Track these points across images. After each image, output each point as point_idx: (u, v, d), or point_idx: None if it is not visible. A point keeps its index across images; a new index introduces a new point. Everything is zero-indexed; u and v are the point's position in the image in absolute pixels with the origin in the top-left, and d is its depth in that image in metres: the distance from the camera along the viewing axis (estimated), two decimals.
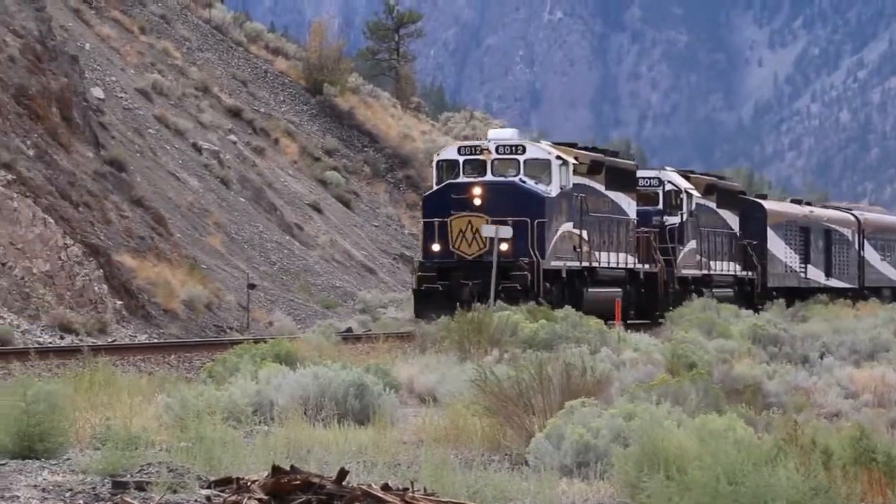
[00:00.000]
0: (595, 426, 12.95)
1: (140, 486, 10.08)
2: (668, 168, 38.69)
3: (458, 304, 25.79)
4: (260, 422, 16.04)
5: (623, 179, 33.95)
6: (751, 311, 40.05)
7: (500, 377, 16.54)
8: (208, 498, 9.82)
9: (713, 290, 37.13)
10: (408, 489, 9.50)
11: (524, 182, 28.12)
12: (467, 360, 24.27)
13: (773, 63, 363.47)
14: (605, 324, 31.52)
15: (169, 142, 55.83)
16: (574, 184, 30.05)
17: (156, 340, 34.97)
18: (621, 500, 10.90)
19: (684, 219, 34.87)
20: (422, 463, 11.74)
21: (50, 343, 30.93)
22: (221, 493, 9.81)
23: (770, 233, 41.70)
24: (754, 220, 41.12)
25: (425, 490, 9.72)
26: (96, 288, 37.12)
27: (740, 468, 9.13)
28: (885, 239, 55.49)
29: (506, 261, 26.75)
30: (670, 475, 9.62)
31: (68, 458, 12.20)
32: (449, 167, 28.59)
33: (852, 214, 56.07)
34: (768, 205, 43.39)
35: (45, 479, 11.09)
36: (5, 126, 39.28)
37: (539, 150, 29.22)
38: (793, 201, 56.68)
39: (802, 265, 45.73)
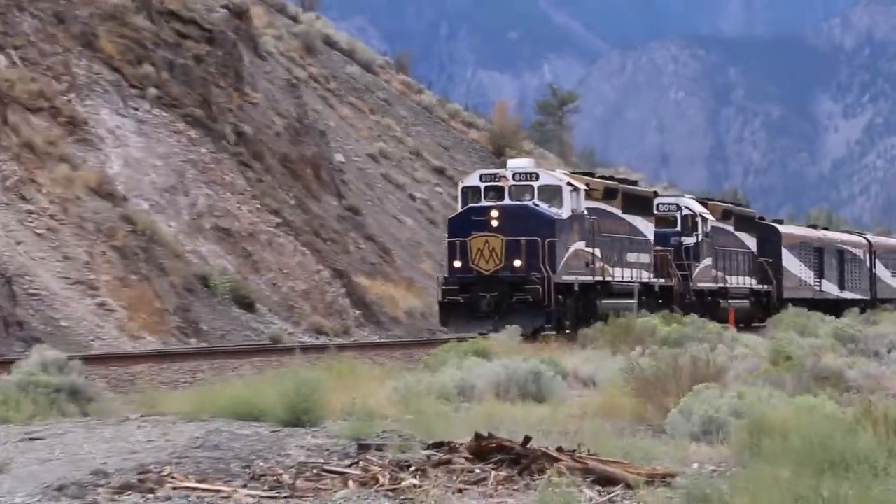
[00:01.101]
0: (716, 404, 12.55)
1: (378, 448, 10.23)
2: (686, 195, 36.86)
3: (476, 314, 24.87)
4: (463, 400, 16.09)
5: (640, 204, 31.49)
6: (833, 317, 35.56)
7: (644, 367, 16.40)
8: (428, 457, 9.79)
9: (729, 301, 35.25)
10: (575, 450, 9.60)
11: (537, 205, 25.90)
12: (617, 354, 23.06)
13: (846, 129, 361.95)
14: (722, 327, 29.72)
15: (392, 193, 56.55)
16: (588, 207, 27.70)
17: (385, 340, 35.17)
18: (738, 460, 10.25)
19: (699, 239, 32.74)
20: (585, 431, 11.59)
21: (309, 342, 31.38)
22: (437, 453, 9.89)
23: (785, 252, 39.31)
24: (770, 241, 38.87)
25: (588, 451, 9.69)
26: (341, 301, 37.95)
27: (829, 435, 8.90)
28: (892, 253, 52.38)
29: (519, 276, 24.86)
30: (774, 440, 9.47)
31: (325, 427, 12.32)
32: (472, 193, 26.61)
33: (865, 238, 52.49)
34: (783, 228, 41.08)
35: (308, 442, 11.32)
36: (274, 182, 40.47)
37: (551, 177, 26.81)
38: (809, 226, 51.99)
39: (817, 279, 42.83)
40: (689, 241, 32.10)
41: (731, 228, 36.40)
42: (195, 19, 38.92)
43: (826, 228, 52.98)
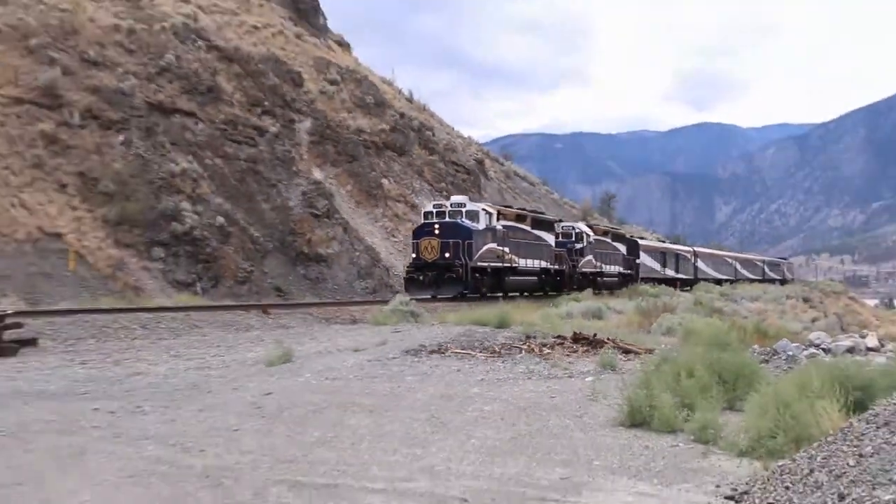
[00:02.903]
0: (672, 320, 21.79)
1: (534, 337, 18.06)
2: (581, 222, 53.25)
3: (423, 285, 34.11)
4: (568, 318, 24.67)
5: (545, 225, 43.70)
6: (689, 288, 57.29)
7: (642, 306, 27.41)
8: (554, 341, 17.69)
9: (605, 279, 50.35)
10: (615, 339, 17.50)
11: (462, 222, 34.96)
12: (631, 300, 34.81)
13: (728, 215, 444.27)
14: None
15: None
16: (504, 224, 38.25)
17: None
18: (681, 344, 16.51)
19: (584, 245, 46.95)
20: (618, 332, 20.51)
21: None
22: (558, 339, 17.88)
23: (642, 254, 59.38)
24: (634, 248, 58.49)
25: (620, 339, 17.58)
26: None
27: (717, 333, 15.24)
28: (707, 257, 78.67)
29: (448, 262, 33.88)
30: (695, 335, 16.22)
31: (512, 328, 20.80)
32: (428, 214, 36.59)
33: (693, 248, 77.60)
34: (641, 242, 61.73)
35: (505, 335, 19.56)
36: None
37: (473, 205, 36.25)
38: (659, 240, 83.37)
39: (662, 268, 63.50)
40: (578, 246, 46.41)
41: (609, 240, 53.31)
42: (458, 161, 62.72)
43: (674, 243, 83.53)
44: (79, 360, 15.77)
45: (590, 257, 47.54)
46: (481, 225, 35.47)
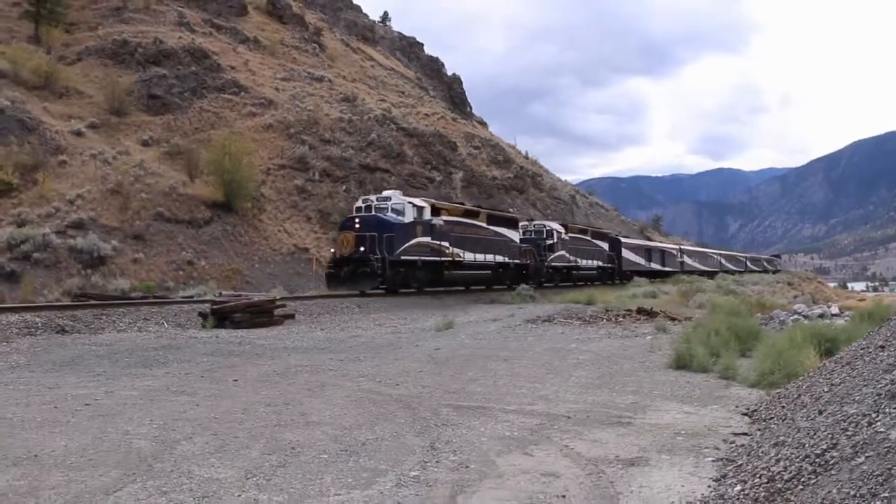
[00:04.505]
0: (702, 298, 21.02)
1: (611, 310, 18.18)
2: (555, 222, 38.02)
3: (340, 280, 23.05)
4: (634, 298, 23.53)
5: (505, 222, 30.86)
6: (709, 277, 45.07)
7: (682, 288, 26.15)
8: (624, 313, 17.68)
9: (581, 272, 37.69)
10: (664, 311, 17.58)
11: (386, 216, 23.71)
12: (676, 285, 32.06)
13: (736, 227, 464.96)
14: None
15: None
16: (445, 220, 26.13)
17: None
18: (708, 314, 15.91)
19: (554, 242, 34.14)
20: (667, 306, 20.07)
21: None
22: (627, 312, 17.80)
23: (623, 250, 43.90)
24: (616, 245, 43.17)
25: (667, 312, 17.69)
26: None
27: (733, 307, 15.72)
28: (693, 253, 61.62)
29: (363, 256, 22.62)
30: (718, 308, 16.01)
31: (596, 306, 20.88)
32: (357, 209, 24.90)
33: (679, 246, 61.38)
34: (623, 240, 45.59)
35: (592, 309, 19.38)
36: None
37: (399, 199, 24.63)
38: (646, 239, 63.52)
39: (647, 262, 48.33)
40: (549, 242, 34.09)
41: (588, 238, 39.68)
42: (558, 196, 60.33)
43: (659, 242, 62.98)
44: (319, 328, 16.09)
45: (561, 252, 35.40)
46: (408, 218, 24.33)
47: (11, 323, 13.17)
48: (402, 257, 23.80)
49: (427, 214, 25.25)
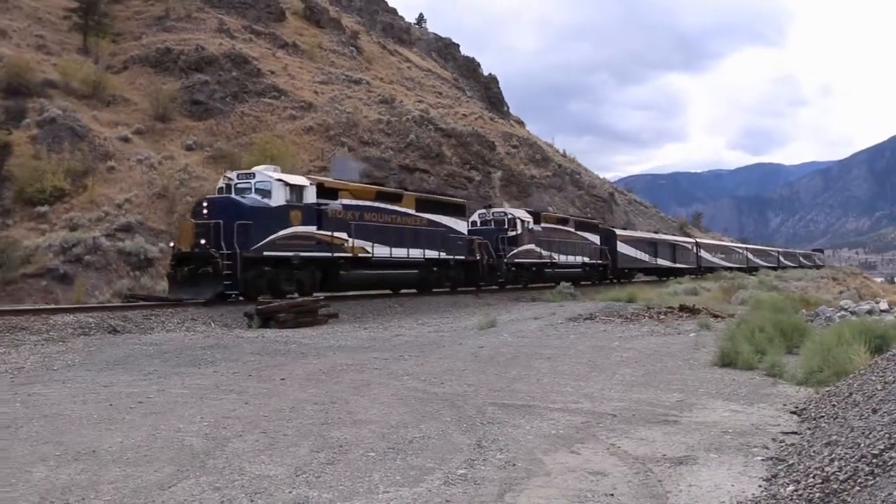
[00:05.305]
0: (745, 294, 20.51)
1: (652, 307, 17.75)
2: (521, 209, 31.08)
3: (179, 284, 17.46)
4: (675, 295, 23.18)
5: (445, 209, 24.64)
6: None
7: (724, 285, 25.36)
8: (666, 309, 17.44)
9: (558, 270, 30.56)
10: (707, 308, 17.07)
11: (240, 198, 17.99)
12: (717, 282, 31.51)
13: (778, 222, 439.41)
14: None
15: None
16: (344, 204, 20.12)
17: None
18: (751, 311, 15.57)
19: (519, 233, 27.73)
20: (709, 303, 19.59)
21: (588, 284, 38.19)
22: (669, 309, 17.40)
23: (619, 243, 36.74)
24: (610, 238, 36.21)
25: (710, 308, 17.19)
26: None
27: (777, 303, 15.63)
28: (713, 248, 53.87)
29: (205, 252, 17.00)
30: (762, 304, 15.91)
31: (638, 303, 20.39)
32: (218, 190, 19.10)
33: (695, 239, 52.16)
34: (618, 231, 38.12)
35: (634, 307, 19.06)
36: None
37: (266, 177, 18.48)
38: (652, 232, 50.47)
39: (652, 258, 40.58)
40: (511, 234, 27.71)
41: (570, 229, 33.01)
42: (597, 194, 58.70)
43: (665, 234, 51.60)
44: (363, 327, 16.17)
45: (530, 246, 28.68)
46: (276, 201, 18.22)
47: (67, 323, 13.51)
48: (266, 253, 17.86)
49: (310, 196, 19.18)
